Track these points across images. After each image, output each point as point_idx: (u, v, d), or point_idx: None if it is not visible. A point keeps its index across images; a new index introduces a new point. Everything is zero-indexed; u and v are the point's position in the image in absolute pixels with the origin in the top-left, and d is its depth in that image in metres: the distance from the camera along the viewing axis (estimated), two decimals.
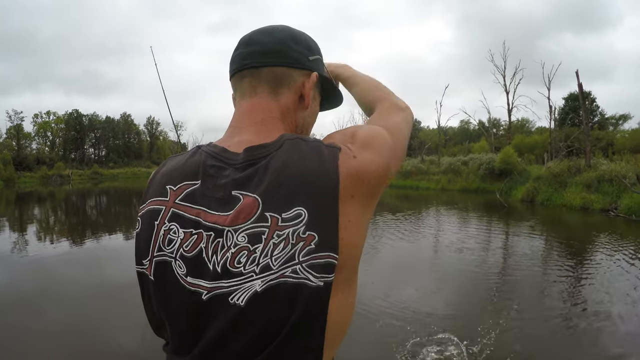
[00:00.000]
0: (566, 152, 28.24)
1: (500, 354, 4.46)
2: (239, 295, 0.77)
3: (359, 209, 0.81)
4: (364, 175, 0.81)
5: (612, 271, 7.72)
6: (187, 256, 0.81)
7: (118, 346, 4.73)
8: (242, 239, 0.78)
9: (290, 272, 0.75)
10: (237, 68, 0.97)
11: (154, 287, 0.87)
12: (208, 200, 0.83)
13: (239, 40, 0.99)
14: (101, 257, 9.23)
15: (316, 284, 0.75)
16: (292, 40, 0.96)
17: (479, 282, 7.19)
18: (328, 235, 0.76)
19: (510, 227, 13.61)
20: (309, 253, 0.75)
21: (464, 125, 71.78)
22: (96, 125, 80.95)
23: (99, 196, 30.07)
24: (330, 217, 0.77)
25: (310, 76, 0.98)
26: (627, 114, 51.45)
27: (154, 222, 0.87)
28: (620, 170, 17.81)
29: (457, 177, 30.08)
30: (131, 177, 63.70)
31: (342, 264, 0.77)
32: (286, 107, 0.96)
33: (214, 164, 0.87)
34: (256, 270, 0.76)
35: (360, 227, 0.82)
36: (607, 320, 5.36)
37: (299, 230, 0.76)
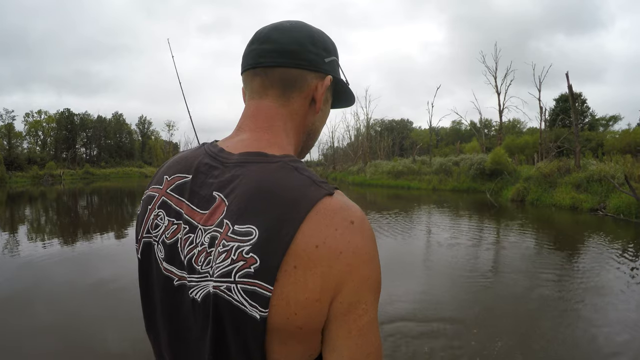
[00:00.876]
0: (556, 152, 28.47)
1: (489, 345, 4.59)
2: (198, 291, 0.78)
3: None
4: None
5: (603, 268, 7.86)
6: (167, 243, 0.85)
7: (108, 345, 4.74)
8: (206, 239, 0.78)
9: (225, 287, 0.73)
10: (250, 65, 0.93)
11: (140, 264, 0.93)
12: (193, 196, 0.84)
13: (254, 34, 0.95)
14: (92, 257, 9.20)
15: (252, 313, 0.71)
16: (309, 40, 0.92)
17: (467, 279, 7.27)
18: (269, 265, 0.71)
19: (500, 225, 13.76)
20: (246, 276, 0.72)
21: (456, 126, 72.15)
22: (88, 125, 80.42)
23: (91, 196, 29.92)
24: (278, 248, 0.71)
25: (324, 79, 0.93)
26: (617, 115, 52.11)
27: (148, 207, 0.92)
28: (609, 171, 18.02)
29: (449, 177, 30.28)
30: (123, 177, 63.44)
31: (277, 316, 0.71)
32: (295, 113, 0.94)
33: (208, 162, 0.87)
34: (210, 272, 0.76)
35: (303, 289, 0.72)
36: (602, 316, 5.48)
37: (243, 248, 0.72)
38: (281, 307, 0.70)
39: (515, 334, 5.02)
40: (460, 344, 4.73)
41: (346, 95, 1.06)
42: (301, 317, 0.72)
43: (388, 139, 66.79)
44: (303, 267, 0.71)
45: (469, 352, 4.55)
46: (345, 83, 1.02)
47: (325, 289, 0.72)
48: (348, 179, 42.52)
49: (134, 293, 4.66)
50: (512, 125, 62.59)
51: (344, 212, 0.75)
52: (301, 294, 0.71)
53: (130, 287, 6.45)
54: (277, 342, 0.74)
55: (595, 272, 7.65)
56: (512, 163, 27.37)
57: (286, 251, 0.70)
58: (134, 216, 16.79)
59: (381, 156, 54.61)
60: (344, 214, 0.75)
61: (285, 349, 0.75)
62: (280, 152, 0.86)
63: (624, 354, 4.43)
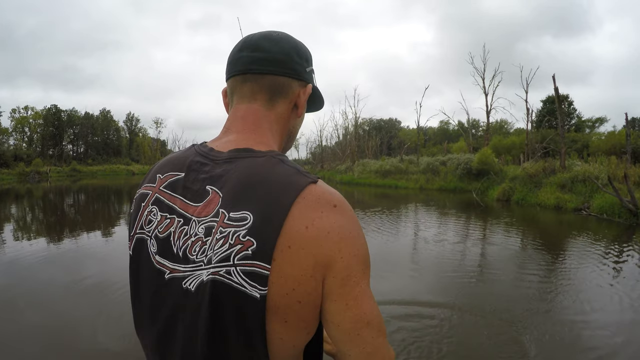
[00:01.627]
0: (542, 153, 28.74)
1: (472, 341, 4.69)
2: (191, 281, 0.83)
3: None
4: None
5: (586, 266, 8.02)
6: (160, 237, 0.90)
7: (96, 345, 4.67)
8: (201, 230, 0.84)
9: (224, 272, 0.78)
10: (240, 71, 0.99)
11: (131, 260, 0.96)
12: (186, 191, 0.90)
13: (242, 41, 1.02)
14: (79, 255, 9.07)
15: (251, 292, 0.77)
16: (295, 51, 1.00)
17: (451, 279, 7.38)
18: (266, 246, 0.77)
19: (486, 224, 13.88)
20: (244, 258, 0.77)
21: (444, 126, 72.51)
22: (75, 121, 79.50)
23: (77, 194, 29.68)
24: (271, 230, 0.77)
25: (306, 87, 1.03)
26: (604, 117, 52.69)
27: (141, 204, 0.96)
28: (593, 172, 18.27)
29: (436, 176, 30.46)
30: (110, 175, 62.79)
31: (275, 294, 0.77)
32: (280, 116, 1.01)
33: (199, 160, 0.93)
34: (204, 261, 0.81)
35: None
36: (586, 314, 5.54)
37: (240, 232, 0.79)
38: (280, 284, 0.76)
39: (496, 329, 5.13)
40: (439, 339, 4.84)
41: (318, 100, 1.15)
42: (299, 292, 0.78)
43: (376, 138, 67.00)
44: (296, 246, 0.77)
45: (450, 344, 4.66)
46: (318, 90, 1.11)
47: (317, 265, 0.78)
48: (336, 178, 42.50)
49: (122, 291, 4.84)
50: (499, 126, 62.98)
51: (326, 197, 0.83)
52: (297, 270, 0.77)
53: (117, 285, 6.45)
54: (278, 321, 0.79)
55: (578, 270, 7.80)
56: (498, 163, 27.57)
57: (279, 232, 0.77)
58: (120, 214, 16.71)
59: (369, 155, 54.73)
60: (327, 199, 0.82)
61: (286, 328, 0.80)
62: (266, 149, 0.93)
63: (606, 353, 4.45)
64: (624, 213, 13.85)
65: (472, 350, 4.60)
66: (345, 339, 0.83)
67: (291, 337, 0.82)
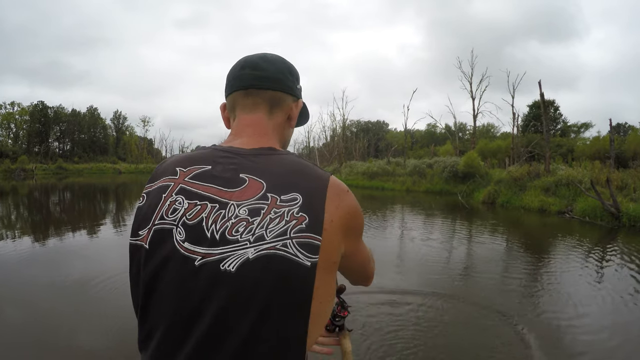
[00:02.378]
0: (527, 157, 29.08)
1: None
2: (231, 262, 0.88)
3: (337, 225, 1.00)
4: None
5: (569, 267, 8.19)
6: (189, 224, 0.94)
7: (80, 346, 4.58)
8: (243, 212, 0.93)
9: (281, 245, 0.89)
10: (244, 86, 1.14)
11: (147, 255, 0.97)
12: (217, 180, 0.99)
13: (243, 61, 1.17)
14: (64, 255, 8.90)
15: (304, 262, 0.89)
16: (288, 71, 1.17)
17: (435, 280, 7.47)
18: (316, 220, 0.92)
19: (471, 225, 14.05)
20: (300, 231, 0.90)
21: (431, 129, 72.72)
22: (62, 118, 78.84)
23: (63, 192, 29.44)
24: (318, 208, 0.94)
25: (297, 102, 1.21)
26: (589, 122, 53.14)
27: (162, 195, 1.01)
28: (576, 176, 18.53)
29: (422, 179, 30.60)
30: (96, 173, 62.13)
31: (323, 257, 0.93)
32: (278, 125, 1.17)
33: (224, 154, 1.05)
34: (251, 239, 0.89)
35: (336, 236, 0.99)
36: (568, 314, 5.61)
37: (293, 210, 0.92)
38: (327, 251, 0.94)
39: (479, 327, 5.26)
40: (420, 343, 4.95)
41: (305, 115, 1.33)
42: (337, 255, 0.99)
43: (364, 140, 67.29)
44: (335, 220, 0.96)
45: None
46: (305, 106, 1.30)
47: (344, 232, 0.99)
48: None
49: (104, 289, 5.33)
50: (486, 130, 63.42)
51: (342, 186, 1.03)
52: (335, 238, 0.96)
53: (103, 284, 6.41)
54: (322, 284, 0.94)
55: (561, 270, 7.96)
56: (484, 166, 27.80)
57: (324, 208, 0.95)
58: (106, 213, 16.61)
59: (356, 157, 54.92)
60: (343, 187, 1.03)
61: (328, 288, 0.98)
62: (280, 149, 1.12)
63: (588, 354, 4.49)
64: (606, 216, 14.08)
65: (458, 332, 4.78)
66: (356, 269, 1.16)
67: (328, 297, 1.00)
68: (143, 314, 0.99)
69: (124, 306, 5.21)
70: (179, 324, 0.91)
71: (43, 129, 75.20)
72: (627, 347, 4.64)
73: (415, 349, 4.54)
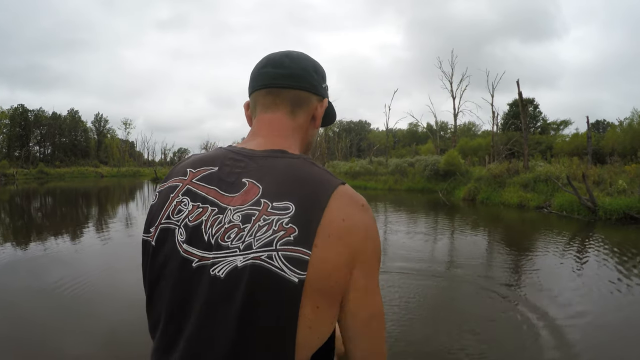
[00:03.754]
0: (507, 154, 29.47)
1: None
2: (221, 267, 0.85)
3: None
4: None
5: (548, 259, 8.47)
6: (190, 225, 0.93)
7: (66, 355, 4.41)
8: (237, 217, 0.89)
9: (266, 256, 0.83)
10: (265, 85, 1.08)
11: (153, 252, 0.98)
12: (221, 183, 0.96)
13: (266, 59, 1.12)
14: (47, 261, 8.46)
15: (290, 277, 0.81)
16: (313, 69, 1.10)
17: (414, 279, 7.59)
18: (306, 233, 0.83)
19: (452, 221, 14.36)
20: (287, 244, 0.83)
21: (413, 128, 73.01)
22: (42, 122, 76.82)
23: (45, 197, 29.04)
24: (312, 219, 0.85)
25: (322, 101, 1.13)
26: (568, 120, 53.88)
27: (170, 195, 1.00)
28: (554, 172, 18.97)
29: (404, 177, 30.83)
30: (78, 177, 61.02)
31: (315, 275, 0.83)
32: (300, 126, 1.10)
33: (233, 157, 1.00)
34: (240, 246, 0.85)
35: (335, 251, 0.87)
36: (546, 308, 5.70)
37: (283, 220, 0.85)
38: (318, 269, 0.83)
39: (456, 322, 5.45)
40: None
41: (331, 115, 1.25)
42: (334, 278, 0.85)
43: (346, 140, 67.52)
44: (335, 236, 0.85)
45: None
46: (332, 106, 1.22)
47: (350, 255, 0.87)
48: None
49: (91, 296, 5.46)
50: (467, 128, 63.92)
51: (356, 197, 0.93)
52: (334, 257, 0.85)
53: (86, 290, 6.26)
54: (310, 306, 0.84)
55: (539, 262, 8.23)
56: (464, 164, 28.14)
57: (320, 221, 0.85)
58: (89, 218, 16.43)
59: (339, 157, 55.15)
60: (356, 199, 0.93)
61: (317, 315, 0.85)
62: (296, 152, 1.04)
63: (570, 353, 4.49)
64: (583, 210, 14.45)
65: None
66: (359, 327, 0.93)
67: (319, 325, 0.87)
68: (148, 306, 1.01)
69: (108, 309, 5.34)
70: (174, 321, 0.92)
71: (24, 132, 73.37)
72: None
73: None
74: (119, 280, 6.99)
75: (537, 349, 4.45)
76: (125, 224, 13.92)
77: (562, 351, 4.35)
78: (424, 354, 4.39)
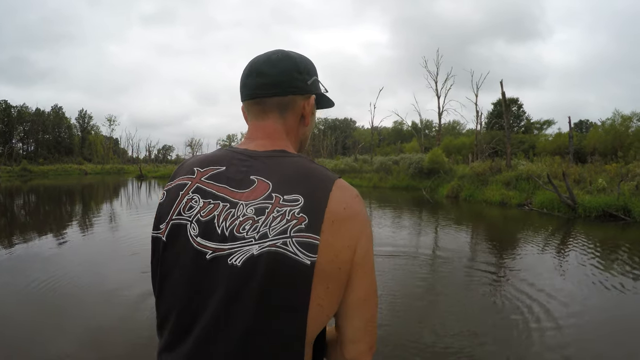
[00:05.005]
0: (490, 153, 29.79)
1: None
2: (238, 257, 0.93)
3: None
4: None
5: (529, 254, 8.68)
6: (202, 220, 0.99)
7: (52, 357, 4.27)
8: (250, 211, 0.97)
9: (281, 243, 0.92)
10: (249, 95, 1.14)
11: (164, 247, 1.03)
12: (230, 181, 1.03)
13: (249, 66, 1.16)
14: (30, 261, 8.23)
15: (303, 260, 0.90)
16: (295, 69, 1.12)
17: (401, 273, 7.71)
18: (315, 221, 0.93)
19: (436, 217, 14.50)
20: (299, 231, 0.92)
21: (398, 126, 73.32)
22: (25, 118, 75.43)
23: (29, 195, 28.65)
24: (319, 209, 0.94)
25: (309, 99, 1.17)
26: (551, 119, 54.43)
27: (180, 192, 1.06)
28: (535, 170, 19.32)
29: (389, 175, 30.98)
30: (62, 174, 60.08)
31: (324, 258, 0.93)
32: (291, 128, 1.16)
33: (239, 157, 1.07)
34: (255, 236, 0.94)
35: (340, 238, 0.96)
36: (529, 304, 5.91)
37: (294, 210, 0.94)
38: (326, 252, 0.93)
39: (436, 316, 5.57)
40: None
41: (325, 101, 1.30)
42: (340, 260, 0.95)
43: (331, 138, 67.62)
44: (338, 222, 0.96)
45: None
46: (325, 95, 1.28)
47: (352, 238, 0.97)
48: None
49: (77, 296, 5.46)
50: (451, 127, 64.37)
51: (351, 189, 1.03)
52: (339, 241, 0.95)
53: (71, 290, 6.14)
54: (322, 286, 0.94)
55: (521, 258, 8.44)
56: (448, 162, 28.41)
57: (325, 210, 0.95)
58: (73, 216, 16.23)
59: (324, 154, 55.30)
60: (351, 190, 1.03)
61: (327, 294, 0.95)
62: (294, 152, 1.13)
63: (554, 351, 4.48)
64: (563, 208, 14.73)
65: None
66: (356, 304, 1.02)
67: (328, 304, 0.96)
68: (159, 301, 1.06)
69: (91, 306, 5.40)
70: (188, 312, 0.98)
71: (7, 129, 72.06)
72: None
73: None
74: (102, 276, 7.00)
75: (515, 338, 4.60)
76: (108, 221, 13.89)
77: (543, 346, 4.43)
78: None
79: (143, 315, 5.09)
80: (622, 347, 4.42)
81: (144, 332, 4.60)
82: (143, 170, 53.66)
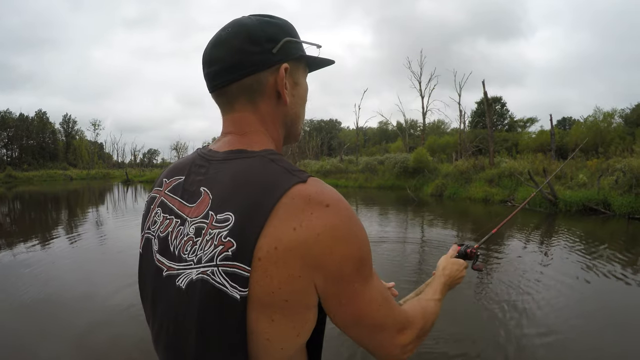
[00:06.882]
0: (473, 151, 30.14)
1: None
2: (182, 279, 0.85)
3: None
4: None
5: (513, 249, 9.05)
6: (161, 236, 0.94)
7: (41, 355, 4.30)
8: (192, 230, 0.86)
9: (210, 272, 0.79)
10: (209, 88, 0.98)
11: (140, 258, 1.03)
12: (185, 193, 0.93)
13: (203, 56, 0.99)
14: (16, 268, 7.96)
15: (232, 293, 0.77)
16: (248, 41, 0.92)
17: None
18: (245, 247, 0.76)
19: (422, 215, 14.70)
20: (225, 259, 0.78)
21: (383, 126, 73.59)
22: (9, 123, 74.40)
23: (14, 202, 28.34)
24: (252, 231, 0.76)
25: (279, 69, 0.94)
26: (534, 117, 54.90)
27: (150, 206, 1.03)
28: (518, 167, 19.68)
29: (374, 175, 31.17)
30: (47, 180, 59.38)
31: (261, 292, 0.77)
32: (266, 114, 0.97)
33: (199, 162, 0.95)
34: (194, 260, 0.83)
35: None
36: (512, 298, 6.11)
37: (222, 233, 0.79)
38: (265, 283, 0.76)
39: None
40: None
41: (316, 62, 1.08)
42: (285, 291, 0.77)
43: (317, 139, 67.49)
44: (283, 247, 0.76)
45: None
46: (314, 56, 1.05)
47: (305, 266, 0.77)
48: None
49: (64, 304, 5.44)
50: (436, 126, 64.68)
51: (318, 197, 0.80)
52: (283, 270, 0.76)
53: (57, 298, 6.05)
54: (264, 320, 0.79)
55: (506, 253, 8.72)
56: (433, 161, 28.67)
57: (260, 234, 0.76)
58: (59, 222, 16.06)
59: (310, 156, 55.16)
60: (318, 199, 0.79)
61: (273, 327, 0.80)
62: (260, 148, 0.92)
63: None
64: (545, 203, 15.08)
65: None
66: (346, 330, 0.88)
67: (278, 337, 0.82)
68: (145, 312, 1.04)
69: (80, 312, 5.43)
70: (157, 323, 0.95)
71: None
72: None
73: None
74: (90, 283, 6.92)
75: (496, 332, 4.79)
76: (95, 226, 13.83)
77: (527, 340, 4.51)
78: None
79: (132, 320, 5.07)
80: (612, 339, 4.53)
81: (134, 337, 4.59)
82: (129, 174, 53.22)
